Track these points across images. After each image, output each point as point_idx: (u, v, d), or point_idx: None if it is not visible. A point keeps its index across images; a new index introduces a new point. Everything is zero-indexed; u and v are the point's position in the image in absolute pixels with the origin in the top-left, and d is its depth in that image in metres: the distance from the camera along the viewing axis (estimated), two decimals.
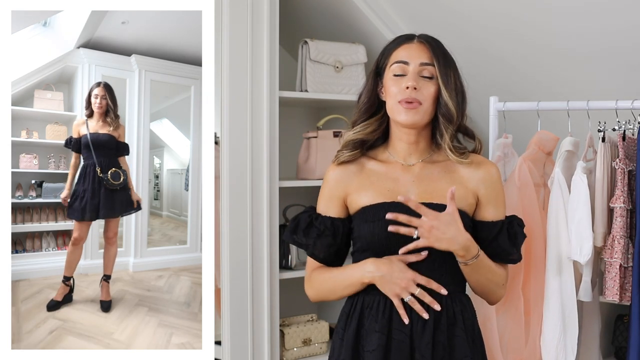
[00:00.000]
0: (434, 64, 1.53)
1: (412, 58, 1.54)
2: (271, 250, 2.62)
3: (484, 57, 2.72)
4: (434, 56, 1.54)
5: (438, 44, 1.57)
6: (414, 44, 1.57)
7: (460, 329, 1.52)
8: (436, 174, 1.57)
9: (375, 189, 1.56)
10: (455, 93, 1.54)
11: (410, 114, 1.52)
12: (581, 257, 2.01)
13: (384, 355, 1.48)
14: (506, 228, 1.57)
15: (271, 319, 2.63)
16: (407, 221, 1.42)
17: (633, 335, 2.01)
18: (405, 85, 1.51)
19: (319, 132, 2.86)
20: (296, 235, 1.62)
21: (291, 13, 2.95)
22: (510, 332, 2.14)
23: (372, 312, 1.52)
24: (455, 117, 1.54)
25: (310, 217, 1.62)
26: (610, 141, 2.11)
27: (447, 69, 1.53)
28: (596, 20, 2.29)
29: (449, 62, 1.55)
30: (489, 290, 1.59)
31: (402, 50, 1.56)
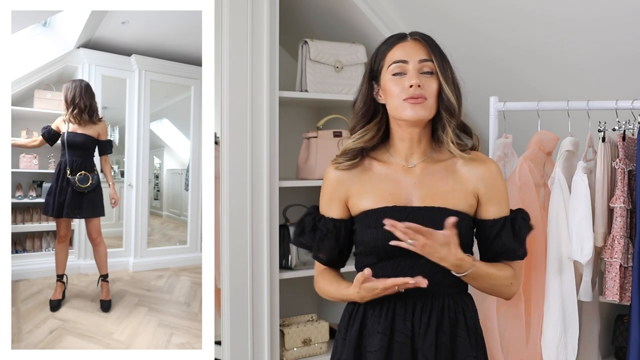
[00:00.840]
0: (433, 60, 1.53)
1: (410, 56, 1.53)
2: (271, 250, 2.62)
3: (485, 57, 2.72)
4: (431, 52, 1.53)
5: (432, 40, 1.57)
6: (409, 42, 1.56)
7: (463, 330, 1.52)
8: (437, 174, 1.57)
9: (376, 192, 1.56)
10: (454, 87, 1.54)
11: (417, 108, 1.51)
12: (582, 257, 2.01)
13: (386, 356, 1.49)
14: (510, 223, 1.56)
15: (271, 319, 2.63)
16: (403, 232, 1.41)
17: (633, 335, 2.01)
18: (409, 83, 1.50)
19: (319, 132, 2.86)
20: (303, 237, 1.64)
21: (291, 13, 2.95)
22: (510, 332, 2.14)
23: (375, 314, 1.53)
24: (456, 111, 1.54)
25: (314, 219, 1.62)
26: (610, 141, 2.11)
27: (444, 64, 1.54)
28: (596, 19, 2.30)
29: (444, 57, 1.55)
30: (494, 292, 1.59)
31: (398, 50, 1.55)
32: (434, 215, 1.49)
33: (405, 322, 1.50)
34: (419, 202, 1.53)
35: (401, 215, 1.47)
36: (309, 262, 2.79)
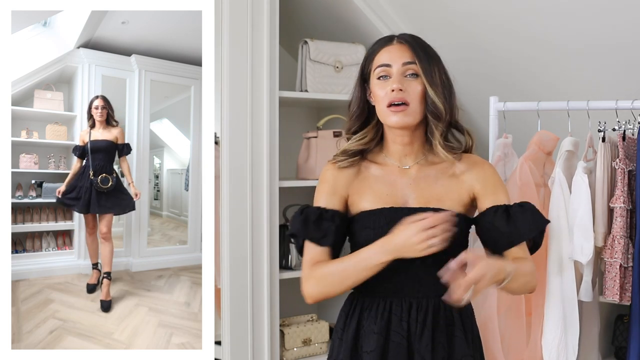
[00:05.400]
0: (417, 62, 1.52)
1: (394, 59, 1.53)
2: (271, 250, 2.62)
3: (485, 57, 2.72)
4: (414, 54, 1.52)
5: (418, 41, 1.56)
6: (394, 45, 1.56)
7: (459, 329, 1.51)
8: (432, 176, 1.57)
9: (374, 193, 1.56)
10: (441, 89, 1.52)
11: (400, 116, 1.51)
12: (582, 257, 2.01)
13: (382, 356, 1.48)
14: (504, 210, 1.52)
15: (271, 319, 2.63)
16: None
17: (633, 335, 2.01)
18: (391, 87, 1.51)
19: (319, 132, 2.86)
20: (308, 229, 1.56)
21: (291, 13, 2.95)
22: (511, 332, 2.14)
23: (371, 314, 1.52)
24: (444, 114, 1.52)
25: (318, 210, 1.57)
26: (610, 141, 2.11)
27: (430, 65, 1.52)
28: (596, 19, 2.30)
29: (431, 58, 1.54)
30: (525, 288, 1.54)
31: (384, 53, 1.55)
32: None
33: (402, 322, 1.50)
34: (415, 203, 1.53)
35: (397, 216, 1.47)
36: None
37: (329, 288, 1.52)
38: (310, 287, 1.54)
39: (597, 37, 2.35)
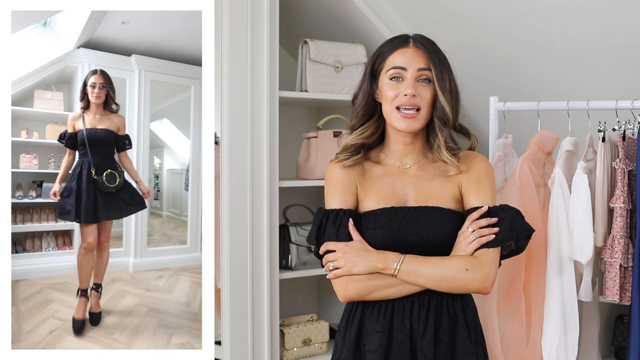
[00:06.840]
0: (431, 69, 1.53)
1: (409, 64, 1.54)
2: (271, 250, 2.62)
3: (484, 57, 2.72)
4: (430, 61, 1.53)
5: (433, 46, 1.57)
6: (410, 48, 1.56)
7: (462, 327, 1.52)
8: (431, 175, 1.58)
9: (377, 192, 1.57)
10: (450, 95, 1.54)
11: (409, 122, 1.53)
12: (582, 257, 2.01)
13: (385, 355, 1.49)
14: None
15: (271, 319, 2.63)
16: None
17: (633, 335, 2.01)
18: (404, 92, 1.52)
19: (319, 132, 2.86)
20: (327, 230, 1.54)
21: (291, 13, 2.95)
22: (511, 332, 2.14)
23: (374, 313, 1.53)
24: (450, 120, 1.55)
25: (338, 212, 1.55)
26: (610, 141, 2.11)
27: (442, 72, 1.54)
28: (596, 23, 2.30)
29: (444, 64, 1.55)
30: (448, 285, 1.48)
31: (399, 55, 1.55)
32: (428, 214, 1.51)
33: (404, 320, 1.50)
34: (414, 202, 1.55)
35: (398, 216, 1.49)
36: (309, 262, 2.79)
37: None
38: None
39: (597, 40, 2.36)
